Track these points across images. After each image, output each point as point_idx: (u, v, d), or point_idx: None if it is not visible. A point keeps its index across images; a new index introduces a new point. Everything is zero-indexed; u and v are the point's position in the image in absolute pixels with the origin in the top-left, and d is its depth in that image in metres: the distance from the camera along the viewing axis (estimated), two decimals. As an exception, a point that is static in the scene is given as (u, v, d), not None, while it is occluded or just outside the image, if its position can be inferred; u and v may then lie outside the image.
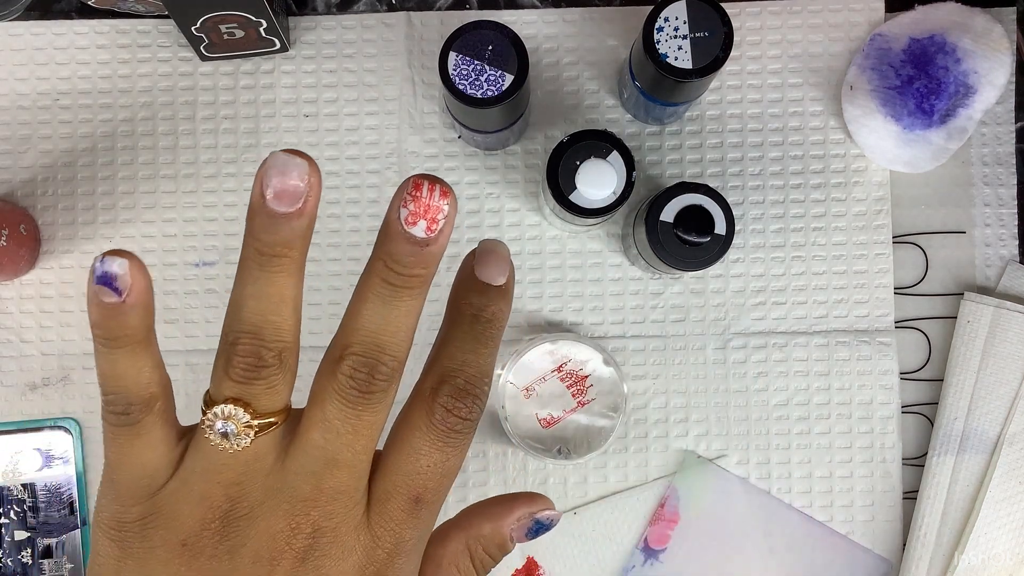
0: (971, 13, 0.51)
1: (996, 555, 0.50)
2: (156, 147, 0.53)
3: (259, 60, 0.53)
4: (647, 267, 0.51)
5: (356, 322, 0.28)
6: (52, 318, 0.53)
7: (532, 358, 0.41)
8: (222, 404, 0.27)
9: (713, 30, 0.43)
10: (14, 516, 0.52)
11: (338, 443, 0.27)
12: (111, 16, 0.53)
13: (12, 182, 0.53)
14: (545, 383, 0.41)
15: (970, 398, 0.51)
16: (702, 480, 0.52)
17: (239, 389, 0.27)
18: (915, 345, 0.53)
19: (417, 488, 0.28)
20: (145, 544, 0.27)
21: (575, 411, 0.41)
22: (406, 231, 0.27)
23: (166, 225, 0.53)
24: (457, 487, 0.52)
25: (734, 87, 0.53)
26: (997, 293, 0.52)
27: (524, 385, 0.41)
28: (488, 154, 0.53)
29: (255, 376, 0.27)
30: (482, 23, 0.43)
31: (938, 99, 0.50)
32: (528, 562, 0.52)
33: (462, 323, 0.29)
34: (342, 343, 0.28)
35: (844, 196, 0.53)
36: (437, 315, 0.30)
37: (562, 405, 0.41)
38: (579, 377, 0.42)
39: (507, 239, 0.53)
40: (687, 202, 0.46)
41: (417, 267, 0.28)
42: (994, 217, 0.53)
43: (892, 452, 0.52)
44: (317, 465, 0.27)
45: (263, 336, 0.28)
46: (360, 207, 0.53)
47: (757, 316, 0.53)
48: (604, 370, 0.40)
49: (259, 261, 0.28)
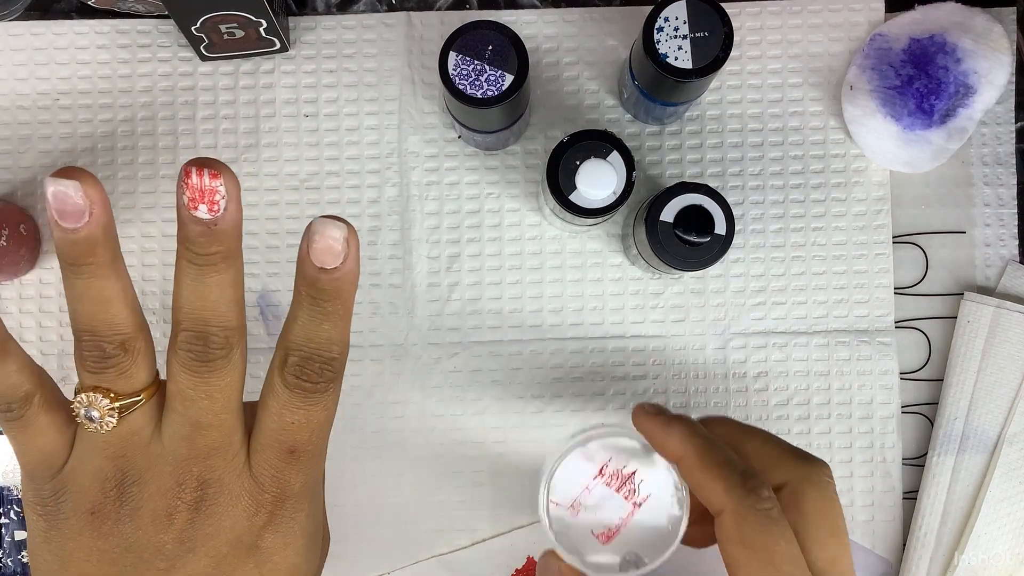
0: (971, 13, 0.51)
1: (996, 555, 0.50)
2: (156, 147, 0.53)
3: (259, 60, 0.53)
4: (647, 267, 0.51)
5: (178, 303, 0.31)
6: (52, 318, 0.53)
7: (568, 471, 0.37)
8: (84, 392, 0.31)
9: (713, 30, 0.43)
10: (14, 516, 0.52)
11: (196, 408, 0.31)
12: (111, 16, 0.53)
13: (12, 182, 0.53)
14: (591, 493, 0.38)
15: (970, 398, 0.51)
16: (702, 480, 0.52)
17: (95, 379, 0.31)
18: (915, 345, 0.53)
19: (288, 442, 0.31)
20: (61, 516, 0.31)
21: (633, 514, 0.37)
22: (191, 215, 0.30)
23: (166, 225, 0.53)
24: (457, 487, 0.52)
25: (734, 87, 0.53)
26: (997, 293, 0.52)
27: (569, 502, 0.37)
28: (488, 154, 0.53)
29: (104, 366, 0.31)
30: (482, 23, 0.43)
31: (938, 99, 0.50)
32: (528, 562, 0.52)
33: (302, 302, 0.32)
34: (174, 323, 0.31)
35: (844, 196, 0.53)
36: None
37: (617, 512, 0.37)
38: (625, 476, 0.38)
39: (507, 239, 0.53)
40: (687, 202, 0.46)
41: (213, 246, 0.31)
42: (994, 217, 0.53)
43: (892, 452, 0.52)
44: (186, 429, 0.31)
45: (99, 332, 0.31)
46: (360, 207, 0.53)
47: (757, 316, 0.53)
48: (649, 457, 0.37)
49: (72, 271, 0.31)
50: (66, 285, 0.32)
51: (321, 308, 0.31)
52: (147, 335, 0.32)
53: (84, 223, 0.30)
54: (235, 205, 0.30)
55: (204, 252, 0.30)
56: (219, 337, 0.31)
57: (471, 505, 0.52)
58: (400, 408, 0.53)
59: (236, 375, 0.32)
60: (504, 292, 0.53)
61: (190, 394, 0.31)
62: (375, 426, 0.52)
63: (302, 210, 0.53)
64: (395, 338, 0.53)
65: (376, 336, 0.53)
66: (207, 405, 0.31)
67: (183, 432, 0.31)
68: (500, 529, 0.52)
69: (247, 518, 0.31)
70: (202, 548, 0.31)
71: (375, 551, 0.52)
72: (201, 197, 0.30)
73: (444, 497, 0.52)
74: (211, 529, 0.31)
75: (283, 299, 0.53)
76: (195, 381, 0.31)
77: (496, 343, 0.53)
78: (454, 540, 0.52)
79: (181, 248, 0.31)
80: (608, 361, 0.53)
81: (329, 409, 0.32)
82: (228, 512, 0.31)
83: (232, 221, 0.30)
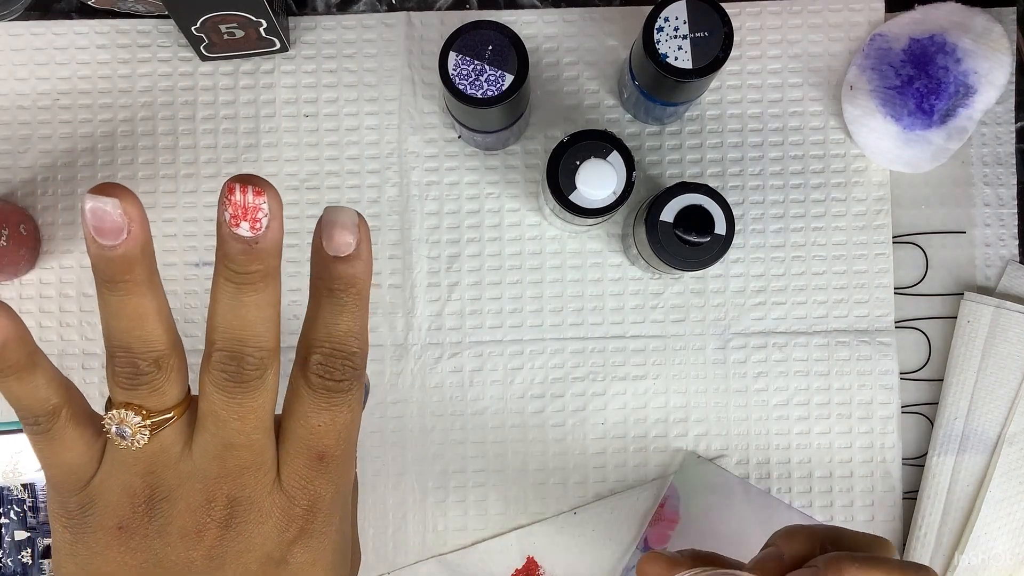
0: (971, 13, 0.51)
1: (996, 555, 0.50)
2: (156, 147, 0.53)
3: (259, 60, 0.53)
4: (647, 267, 0.51)
5: (214, 321, 0.31)
6: (52, 318, 0.53)
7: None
8: (115, 409, 0.31)
9: (713, 30, 0.43)
10: (14, 516, 0.52)
11: (228, 429, 0.31)
12: (111, 16, 0.53)
13: (12, 182, 0.53)
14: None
15: (970, 398, 0.51)
16: (702, 480, 0.52)
17: (127, 395, 0.31)
18: (915, 345, 0.53)
19: (317, 447, 0.31)
20: (88, 529, 0.31)
21: None
22: (232, 232, 0.30)
23: (166, 225, 0.53)
24: (457, 487, 0.52)
25: (734, 87, 0.53)
26: (997, 293, 0.52)
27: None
28: (488, 154, 0.53)
29: (137, 383, 0.31)
30: (482, 23, 0.43)
31: (938, 99, 0.50)
32: (528, 562, 0.52)
33: (320, 297, 0.32)
34: (209, 341, 0.31)
35: (844, 196, 0.53)
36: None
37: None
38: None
39: (507, 239, 0.53)
40: (687, 202, 0.46)
41: (252, 264, 0.30)
42: (994, 217, 0.53)
43: (892, 452, 0.52)
44: (217, 449, 0.31)
45: (133, 349, 0.31)
46: (360, 207, 0.53)
47: (757, 316, 0.53)
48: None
49: (107, 287, 0.31)
50: (101, 302, 0.31)
51: (338, 300, 0.31)
52: (180, 352, 0.32)
53: (121, 241, 0.30)
54: (277, 224, 0.30)
55: (243, 271, 0.30)
56: (254, 358, 0.31)
57: (471, 505, 0.52)
58: (400, 408, 0.53)
59: (269, 396, 0.31)
60: (504, 292, 0.53)
61: (222, 415, 0.31)
62: (375, 426, 0.52)
63: (302, 210, 0.53)
64: (395, 338, 0.53)
65: (376, 336, 0.53)
66: (239, 426, 0.31)
67: (214, 451, 0.31)
68: (500, 529, 0.52)
69: (277, 534, 0.31)
70: (231, 565, 0.31)
71: (375, 551, 0.52)
72: (244, 214, 0.30)
73: (444, 497, 0.52)
74: (241, 546, 0.31)
75: (283, 299, 0.53)
76: (227, 401, 0.31)
77: (496, 343, 0.53)
78: (454, 540, 0.52)
79: (220, 266, 0.30)
80: (608, 361, 0.53)
81: (354, 410, 0.32)
82: (258, 529, 0.31)
83: (273, 240, 0.30)
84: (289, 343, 0.32)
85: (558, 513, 0.52)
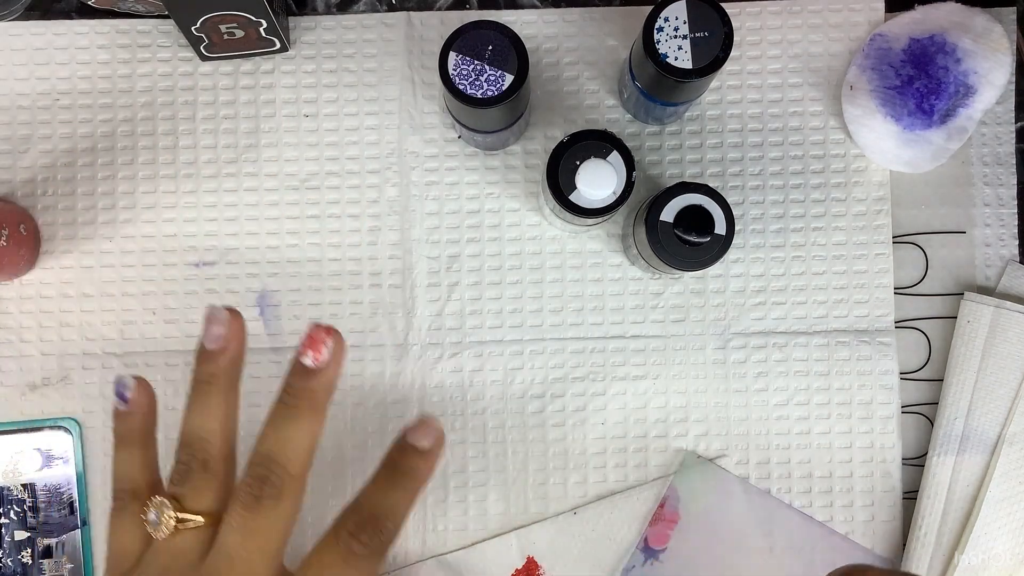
0: (971, 13, 0.51)
1: (996, 555, 0.50)
2: (156, 147, 0.53)
3: (259, 60, 0.53)
4: (647, 267, 0.51)
5: (258, 440, 0.35)
6: (52, 318, 0.53)
7: None
8: (159, 495, 0.34)
9: (713, 30, 0.43)
10: (14, 516, 0.52)
11: (231, 541, 0.33)
12: (111, 16, 0.53)
13: (12, 182, 0.53)
14: None
15: (970, 398, 0.51)
16: (702, 480, 0.52)
17: (172, 487, 0.34)
18: (915, 345, 0.53)
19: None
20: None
21: None
22: (298, 360, 0.35)
23: (166, 225, 0.53)
24: (457, 487, 0.52)
25: (734, 87, 0.53)
26: (997, 293, 0.52)
27: None
28: (488, 154, 0.53)
29: (183, 478, 0.34)
30: (482, 23, 0.43)
31: (938, 99, 0.50)
32: (528, 562, 0.52)
33: (383, 469, 0.36)
34: (248, 459, 0.34)
35: (844, 196, 0.53)
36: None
37: None
38: None
39: (507, 239, 0.53)
40: (687, 202, 0.46)
41: (304, 395, 0.35)
42: (994, 217, 0.53)
43: (892, 452, 0.52)
44: (220, 562, 0.33)
45: (194, 446, 0.35)
46: (360, 207, 0.53)
47: (757, 316, 0.53)
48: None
49: (195, 383, 0.37)
50: (190, 395, 0.37)
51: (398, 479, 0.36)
52: (230, 467, 0.36)
53: (220, 348, 0.36)
54: (335, 368, 0.35)
55: (294, 396, 0.35)
56: (276, 477, 0.33)
57: (471, 505, 0.52)
58: (400, 408, 0.53)
59: (280, 522, 0.34)
60: (504, 292, 0.53)
61: (232, 525, 0.33)
62: (375, 426, 0.52)
63: (302, 210, 0.53)
64: (395, 338, 0.53)
65: (376, 336, 0.53)
66: (242, 540, 0.33)
67: (217, 564, 0.33)
68: (500, 529, 0.52)
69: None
70: None
71: (375, 551, 0.52)
72: (311, 346, 0.35)
73: (444, 497, 0.52)
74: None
75: (283, 299, 0.53)
76: (241, 514, 0.33)
77: (496, 343, 0.53)
78: (454, 540, 0.52)
79: (280, 393, 0.35)
80: (608, 361, 0.53)
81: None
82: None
83: (326, 380, 0.35)
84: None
85: (558, 513, 0.52)
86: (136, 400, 0.38)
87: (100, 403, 0.53)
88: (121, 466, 0.37)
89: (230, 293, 0.53)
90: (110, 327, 0.53)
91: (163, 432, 0.53)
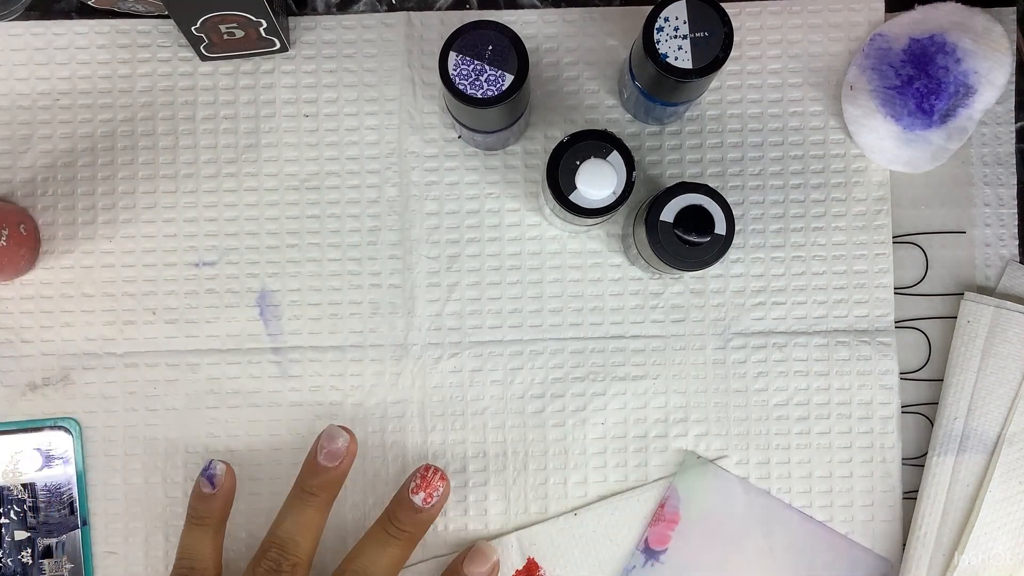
0: (971, 13, 0.51)
1: (996, 555, 0.50)
2: (156, 147, 0.53)
3: (259, 60, 0.53)
4: (647, 267, 0.51)
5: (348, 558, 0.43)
6: (52, 318, 0.53)
7: None
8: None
9: (713, 30, 0.43)
10: (14, 516, 0.52)
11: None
12: (111, 16, 0.53)
13: (12, 182, 0.53)
14: None
15: (970, 398, 0.51)
16: (702, 480, 0.52)
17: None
18: (915, 345, 0.53)
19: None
20: None
21: None
22: (410, 498, 0.43)
23: (166, 225, 0.53)
24: (457, 487, 0.52)
25: (734, 87, 0.53)
26: (997, 293, 0.52)
27: None
28: (488, 154, 0.53)
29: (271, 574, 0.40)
30: (482, 23, 0.43)
31: (938, 99, 0.50)
32: (528, 562, 0.52)
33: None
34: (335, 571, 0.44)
35: (844, 196, 0.53)
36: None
37: None
38: None
39: (507, 239, 0.53)
40: (687, 202, 0.46)
41: (407, 526, 0.43)
42: (994, 217, 0.53)
43: (892, 452, 0.52)
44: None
45: (286, 548, 0.40)
46: (360, 207, 0.53)
47: (757, 316, 0.53)
48: None
49: (301, 493, 0.42)
50: (288, 500, 0.42)
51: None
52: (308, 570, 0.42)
53: (334, 467, 0.42)
54: (437, 510, 0.44)
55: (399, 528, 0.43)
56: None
57: (471, 505, 0.52)
58: (400, 408, 0.53)
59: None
60: (504, 292, 0.53)
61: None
62: (375, 426, 0.52)
63: (302, 210, 0.53)
64: (395, 338, 0.53)
65: (376, 336, 0.53)
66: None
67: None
68: (500, 529, 0.52)
69: None
70: None
71: (375, 551, 0.52)
72: (424, 487, 0.45)
73: (444, 497, 0.52)
74: None
75: (283, 299, 0.53)
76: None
77: (496, 343, 0.53)
78: (454, 540, 0.52)
79: (383, 519, 0.44)
80: (608, 361, 0.53)
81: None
82: None
83: (428, 517, 0.44)
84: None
85: (558, 513, 0.52)
86: (224, 487, 0.42)
87: (100, 403, 0.53)
88: (193, 544, 0.41)
89: (230, 293, 0.53)
90: (110, 327, 0.53)
91: (163, 432, 0.53)
